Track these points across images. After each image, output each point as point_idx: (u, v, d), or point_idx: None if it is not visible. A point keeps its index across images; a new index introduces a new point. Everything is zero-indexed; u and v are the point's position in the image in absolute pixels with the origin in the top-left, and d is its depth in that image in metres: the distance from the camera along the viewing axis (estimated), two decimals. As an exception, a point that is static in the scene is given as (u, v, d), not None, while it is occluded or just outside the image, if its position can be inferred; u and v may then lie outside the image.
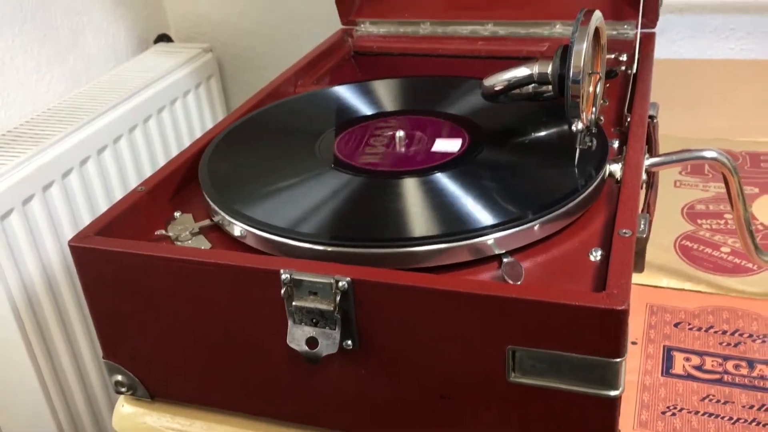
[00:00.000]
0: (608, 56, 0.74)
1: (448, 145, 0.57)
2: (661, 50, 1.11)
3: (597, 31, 0.50)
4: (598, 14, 0.49)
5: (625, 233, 0.44)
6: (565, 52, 0.48)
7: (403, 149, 0.58)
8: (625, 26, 0.76)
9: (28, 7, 1.01)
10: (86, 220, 0.96)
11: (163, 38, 1.28)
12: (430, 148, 0.57)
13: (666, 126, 0.83)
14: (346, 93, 0.68)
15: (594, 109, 0.51)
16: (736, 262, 0.62)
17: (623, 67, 0.72)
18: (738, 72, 0.99)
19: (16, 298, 0.84)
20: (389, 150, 0.57)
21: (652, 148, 0.63)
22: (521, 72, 0.53)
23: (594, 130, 0.52)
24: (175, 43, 1.29)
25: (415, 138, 0.59)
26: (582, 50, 0.46)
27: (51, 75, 1.05)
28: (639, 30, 0.72)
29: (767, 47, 1.06)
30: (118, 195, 1.01)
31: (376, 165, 0.55)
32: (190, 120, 1.16)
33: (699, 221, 0.68)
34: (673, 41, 1.11)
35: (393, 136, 0.58)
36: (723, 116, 0.87)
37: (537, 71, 0.52)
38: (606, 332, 0.39)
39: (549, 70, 0.51)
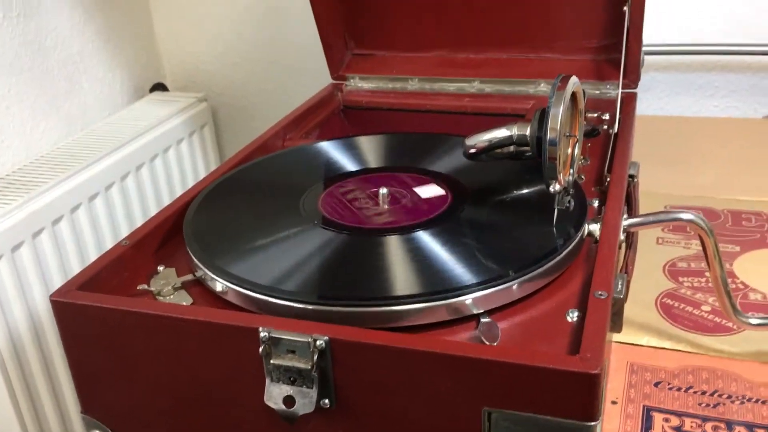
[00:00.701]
0: (591, 115, 0.76)
1: (431, 191, 0.58)
2: (647, 107, 1.14)
3: (574, 95, 0.52)
4: (574, 80, 0.50)
5: (600, 295, 0.45)
6: (542, 115, 0.49)
7: (386, 206, 0.59)
8: (608, 86, 0.78)
9: (26, 56, 1.03)
10: (75, 267, 0.96)
11: (159, 87, 1.30)
12: (413, 205, 0.58)
13: (650, 182, 0.84)
14: (331, 148, 0.70)
15: (572, 170, 0.52)
16: (716, 321, 0.62)
17: (605, 126, 0.73)
18: (721, 129, 1.01)
19: (1, 345, 0.84)
20: (373, 207, 0.58)
21: (632, 208, 0.63)
22: (501, 133, 0.54)
23: (572, 191, 0.53)
24: (171, 92, 1.31)
25: (399, 195, 0.60)
26: (558, 114, 0.48)
27: (46, 122, 1.07)
28: (620, 90, 0.74)
29: (750, 105, 1.09)
30: (108, 242, 1.02)
31: (359, 222, 0.56)
32: (183, 168, 1.18)
33: (680, 279, 0.68)
34: (659, 98, 1.13)
35: (377, 193, 0.59)
36: (706, 173, 0.88)
37: (516, 133, 0.53)
38: (580, 395, 0.40)
39: (527, 132, 0.52)
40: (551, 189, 0.50)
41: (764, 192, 0.83)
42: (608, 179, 0.60)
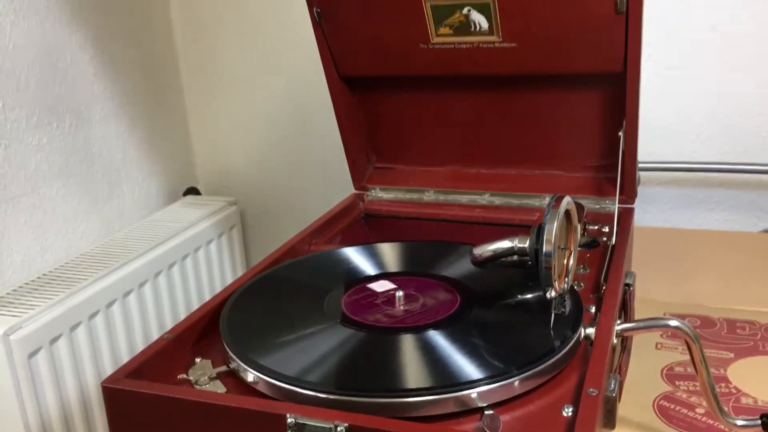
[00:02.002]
0: (592, 227, 0.82)
1: (383, 285, 0.66)
2: (652, 219, 1.20)
3: (569, 212, 0.58)
4: (567, 199, 0.57)
5: (592, 392, 0.50)
6: (539, 229, 0.56)
7: (402, 307, 0.65)
8: (607, 201, 0.85)
9: (75, 162, 1.12)
10: (107, 360, 1.02)
11: (192, 191, 1.39)
12: (427, 306, 0.64)
13: (651, 290, 0.90)
14: (353, 254, 0.76)
15: (567, 279, 0.58)
16: (709, 423, 0.66)
17: (605, 238, 0.80)
18: (721, 242, 1.07)
19: (35, 433, 0.89)
20: (389, 308, 0.64)
21: (627, 314, 0.69)
22: (505, 244, 0.60)
23: (567, 298, 0.59)
24: (203, 196, 1.40)
25: (413, 297, 0.66)
26: (552, 230, 0.54)
27: (87, 223, 1.15)
28: (617, 206, 0.80)
29: (749, 219, 1.15)
30: (139, 337, 1.08)
31: (377, 321, 0.62)
32: (211, 267, 1.25)
33: (677, 382, 0.73)
34: (663, 211, 1.20)
35: (393, 296, 0.66)
36: (705, 283, 0.94)
37: (517, 245, 0.60)
38: (572, 482, 0.44)
39: (527, 244, 0.59)
40: (548, 295, 0.56)
41: (758, 302, 0.88)
42: (604, 287, 0.66)
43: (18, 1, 1.01)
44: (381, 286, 0.69)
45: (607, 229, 0.82)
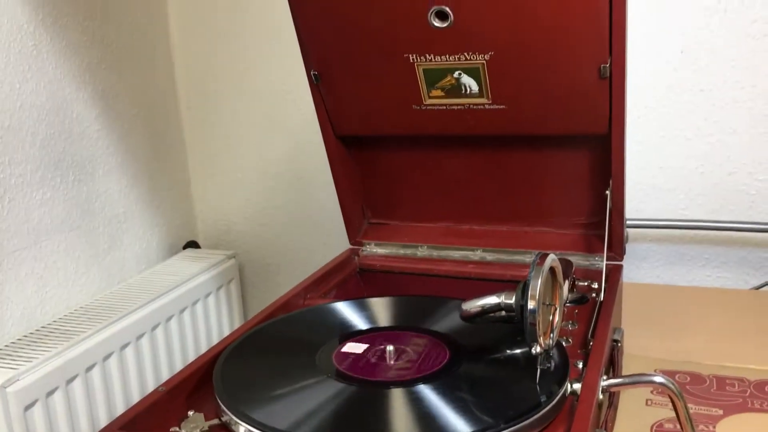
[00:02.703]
0: (582, 284, 0.84)
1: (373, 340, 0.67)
2: (644, 275, 1.22)
3: (554, 270, 0.60)
4: (552, 257, 0.59)
5: (576, 447, 0.51)
6: (524, 286, 0.58)
7: (392, 361, 0.66)
8: (596, 258, 0.87)
9: (77, 216, 1.15)
10: (102, 413, 1.02)
11: (192, 244, 1.41)
12: (416, 360, 0.65)
13: (642, 346, 0.91)
14: (345, 308, 0.78)
15: (552, 335, 0.60)
16: (697, 479, 0.67)
17: (594, 294, 0.81)
18: (711, 299, 1.09)
19: (28, 486, 0.89)
20: (380, 362, 0.66)
21: (615, 369, 0.70)
22: (492, 300, 0.62)
23: (552, 354, 0.61)
24: (202, 249, 1.42)
25: (403, 352, 0.67)
26: (537, 286, 0.56)
27: (87, 276, 1.17)
28: (605, 262, 0.82)
29: (740, 276, 1.17)
30: (135, 389, 1.08)
31: (368, 375, 0.63)
32: (209, 319, 1.26)
33: (666, 439, 0.74)
34: (655, 267, 1.22)
35: (384, 350, 0.67)
36: (695, 340, 0.95)
37: (504, 301, 0.61)
38: None
39: (513, 300, 0.60)
40: (533, 351, 0.57)
41: (748, 359, 0.89)
42: (591, 343, 0.68)
43: (27, 61, 1.05)
44: (372, 340, 0.70)
45: (596, 286, 0.83)
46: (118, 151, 1.24)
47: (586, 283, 0.84)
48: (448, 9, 0.74)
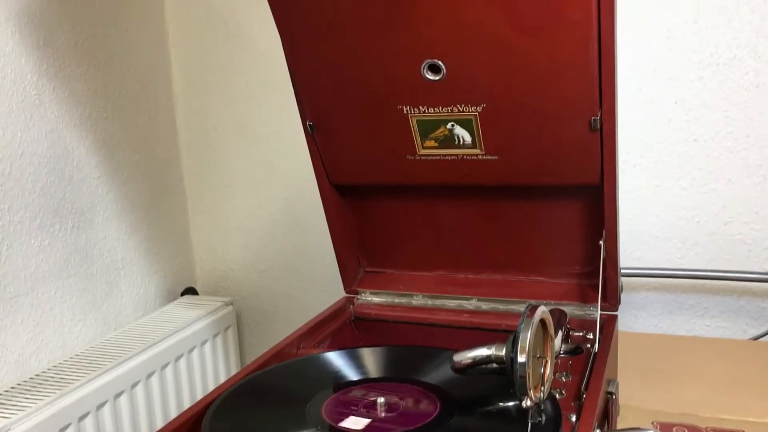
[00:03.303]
0: (577, 334, 0.84)
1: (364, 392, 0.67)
2: (642, 324, 1.21)
3: (545, 321, 0.60)
4: (542, 308, 0.59)
5: (565, 503, 0.50)
6: (514, 338, 0.58)
7: (383, 414, 0.65)
8: (591, 308, 0.87)
9: (74, 263, 1.15)
10: (94, 462, 1.01)
11: (190, 291, 1.41)
12: (407, 413, 0.65)
13: (639, 398, 0.90)
14: (337, 358, 0.78)
15: (543, 388, 0.59)
16: None
17: (588, 345, 0.81)
18: (710, 349, 1.08)
19: None
20: (371, 414, 0.65)
21: (609, 422, 0.69)
22: (483, 352, 0.62)
23: (544, 407, 0.60)
24: (200, 296, 1.41)
25: (394, 404, 0.67)
26: (526, 339, 0.56)
27: (83, 323, 1.17)
28: (599, 312, 0.82)
29: (739, 326, 1.16)
30: (128, 439, 1.07)
31: (357, 429, 0.63)
32: (205, 366, 1.25)
33: (663, 494, 0.72)
34: (654, 316, 1.21)
35: (375, 402, 0.67)
36: (693, 391, 0.94)
37: (494, 353, 0.61)
38: None
39: (503, 352, 0.60)
40: (523, 404, 0.57)
41: (746, 411, 0.88)
42: (585, 395, 0.67)
43: (30, 110, 1.07)
44: (363, 392, 0.70)
45: (591, 336, 0.83)
46: (118, 198, 1.25)
47: (580, 334, 0.83)
48: (440, 62, 0.75)
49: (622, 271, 1.15)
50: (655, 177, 1.14)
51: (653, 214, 1.16)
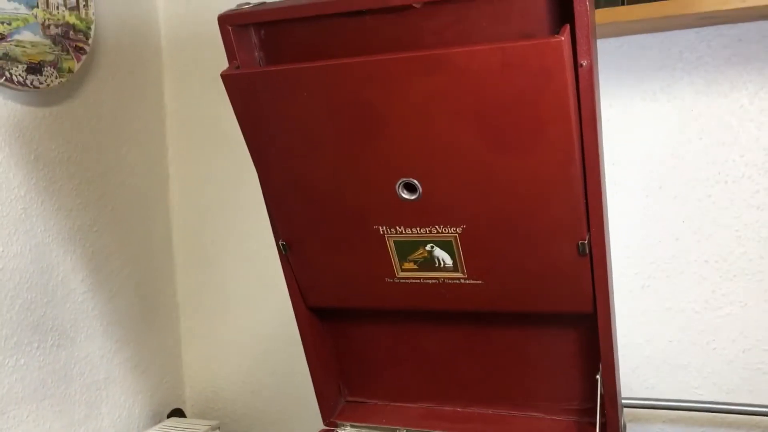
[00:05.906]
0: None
1: None
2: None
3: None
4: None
5: None
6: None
7: None
8: (589, 448, 0.78)
9: (51, 384, 1.09)
10: None
11: (176, 413, 1.34)
12: None
13: None
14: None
15: None
16: None
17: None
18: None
19: None
20: None
21: None
22: None
23: None
24: (188, 419, 1.34)
25: None
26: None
27: (57, 448, 1.10)
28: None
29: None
30: None
31: None
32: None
33: None
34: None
35: None
36: None
37: None
38: None
39: None
40: None
41: None
42: None
43: (14, 225, 1.04)
44: None
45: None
46: (105, 314, 1.20)
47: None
48: (416, 181, 0.71)
49: (634, 402, 1.06)
50: (665, 299, 1.07)
51: (665, 339, 1.08)
